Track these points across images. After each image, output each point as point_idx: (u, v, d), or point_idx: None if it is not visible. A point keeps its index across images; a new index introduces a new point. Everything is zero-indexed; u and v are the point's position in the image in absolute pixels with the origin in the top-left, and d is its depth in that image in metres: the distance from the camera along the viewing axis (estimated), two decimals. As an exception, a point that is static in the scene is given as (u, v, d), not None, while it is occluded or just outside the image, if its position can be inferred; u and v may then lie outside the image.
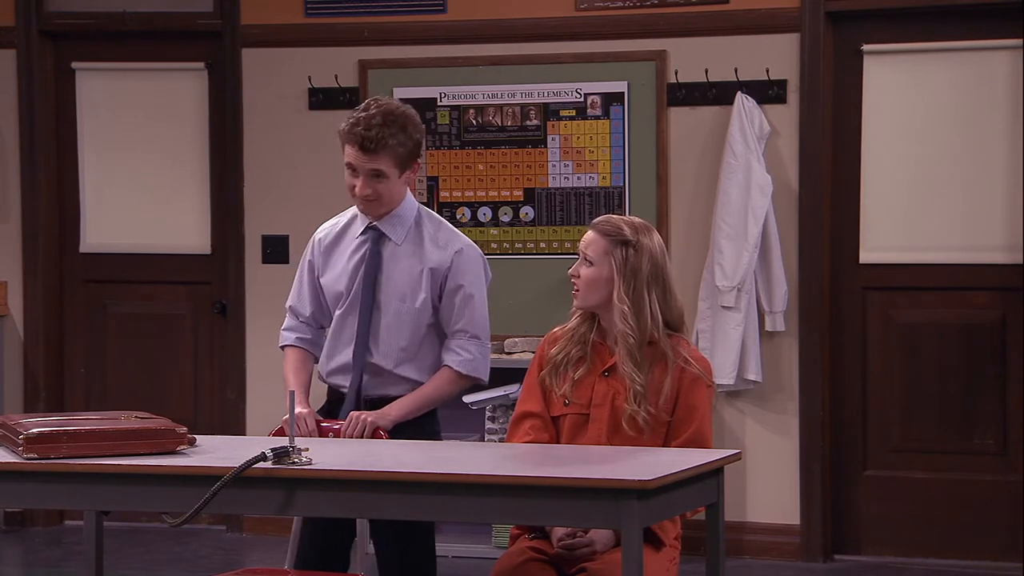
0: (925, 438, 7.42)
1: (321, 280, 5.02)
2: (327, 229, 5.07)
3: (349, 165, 4.86)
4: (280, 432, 4.82)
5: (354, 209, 5.04)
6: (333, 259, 5.00)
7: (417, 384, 4.91)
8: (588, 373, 4.58)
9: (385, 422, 4.81)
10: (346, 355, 4.93)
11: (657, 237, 4.59)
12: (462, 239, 4.95)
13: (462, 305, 4.89)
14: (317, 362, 5.08)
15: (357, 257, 4.94)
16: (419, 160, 4.92)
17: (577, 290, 4.59)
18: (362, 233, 4.96)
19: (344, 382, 4.94)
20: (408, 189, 4.95)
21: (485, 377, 4.97)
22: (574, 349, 4.61)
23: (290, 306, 5.10)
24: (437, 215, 5.05)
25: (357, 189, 4.85)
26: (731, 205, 7.32)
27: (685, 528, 4.67)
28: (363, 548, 4.86)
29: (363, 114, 4.82)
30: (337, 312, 4.96)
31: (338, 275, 4.97)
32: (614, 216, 4.65)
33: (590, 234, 4.60)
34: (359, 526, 4.86)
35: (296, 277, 5.11)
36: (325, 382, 5.02)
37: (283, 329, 5.12)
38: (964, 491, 7.37)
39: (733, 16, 7.46)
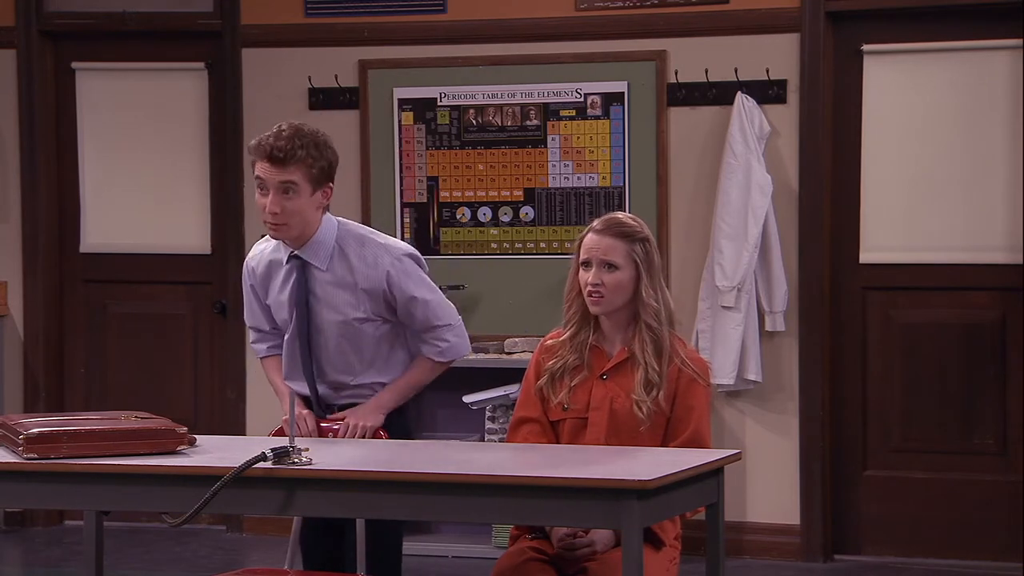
0: (925, 438, 7.42)
1: (267, 302, 4.98)
2: (256, 256, 4.99)
3: (258, 180, 4.73)
4: (280, 432, 4.83)
5: None
6: (270, 287, 4.95)
7: (385, 385, 4.91)
8: (586, 378, 4.57)
9: (379, 420, 4.82)
10: (303, 383, 4.92)
11: None
12: (391, 251, 4.83)
13: (423, 312, 4.84)
14: None
15: (289, 287, 4.88)
16: (331, 184, 4.79)
17: (602, 296, 4.53)
18: (287, 262, 4.87)
19: (308, 391, 4.95)
20: (323, 214, 4.80)
21: (467, 351, 4.97)
22: (571, 357, 4.58)
23: (250, 326, 5.09)
24: (360, 228, 4.91)
25: (267, 206, 4.71)
26: (731, 205, 7.32)
27: (685, 528, 4.66)
28: (361, 547, 4.86)
29: (273, 131, 4.74)
30: (287, 336, 4.94)
31: (278, 304, 4.93)
32: (617, 215, 4.62)
33: (607, 240, 4.51)
34: (358, 526, 4.87)
35: (245, 298, 5.07)
36: None
37: (252, 343, 5.13)
38: (964, 491, 7.36)
39: (733, 16, 7.46)
